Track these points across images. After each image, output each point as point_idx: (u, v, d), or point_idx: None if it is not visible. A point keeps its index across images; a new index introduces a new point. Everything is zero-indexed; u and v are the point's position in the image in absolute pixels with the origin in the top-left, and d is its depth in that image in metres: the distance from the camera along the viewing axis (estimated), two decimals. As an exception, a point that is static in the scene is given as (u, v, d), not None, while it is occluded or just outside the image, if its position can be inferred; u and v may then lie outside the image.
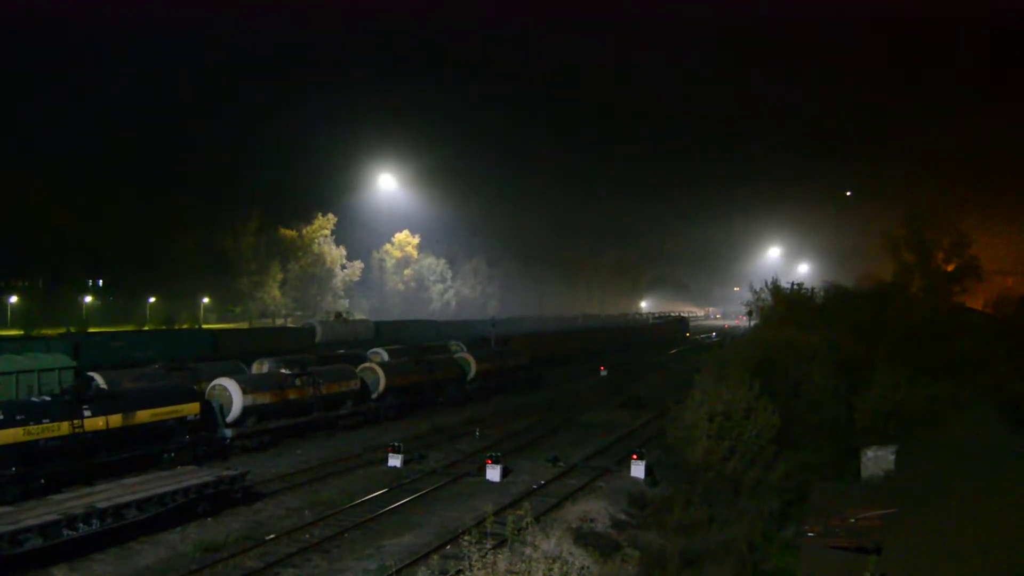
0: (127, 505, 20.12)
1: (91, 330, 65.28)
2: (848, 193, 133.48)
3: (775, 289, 51.58)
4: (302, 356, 40.34)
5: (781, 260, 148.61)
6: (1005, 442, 27.00)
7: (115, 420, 26.11)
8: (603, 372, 62.99)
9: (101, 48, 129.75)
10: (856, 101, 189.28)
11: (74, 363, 32.70)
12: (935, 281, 63.75)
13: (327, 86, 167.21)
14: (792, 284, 54.28)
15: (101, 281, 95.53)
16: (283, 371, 34.99)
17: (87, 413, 25.27)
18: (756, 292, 52.63)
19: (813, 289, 54.85)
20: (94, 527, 19.14)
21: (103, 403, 26.01)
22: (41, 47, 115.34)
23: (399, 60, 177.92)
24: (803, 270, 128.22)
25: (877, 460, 27.87)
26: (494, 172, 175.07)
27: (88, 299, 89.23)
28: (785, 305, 49.51)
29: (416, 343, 53.54)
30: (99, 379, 30.95)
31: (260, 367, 37.98)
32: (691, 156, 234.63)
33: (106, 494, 20.70)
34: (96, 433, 25.46)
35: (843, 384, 34.08)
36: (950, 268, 65.29)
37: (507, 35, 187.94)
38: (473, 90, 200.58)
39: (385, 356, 45.02)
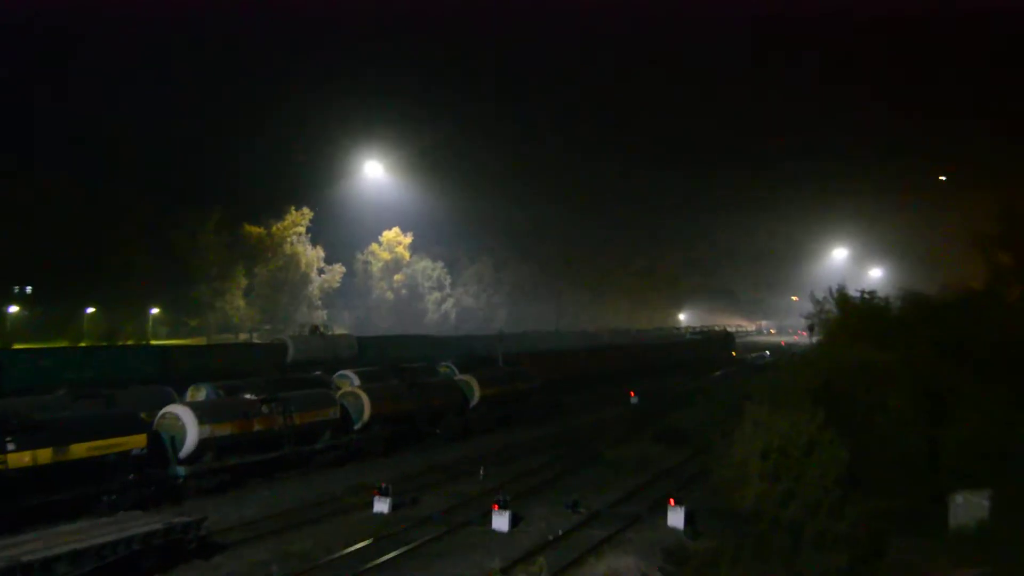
0: (57, 559, 19.99)
1: (16, 347, 65.43)
2: (942, 178, 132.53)
3: (841, 298, 51.21)
4: (249, 380, 39.79)
5: (849, 263, 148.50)
6: None
7: (44, 455, 26.05)
8: (633, 398, 62.84)
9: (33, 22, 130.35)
10: (942, 78, 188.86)
11: None
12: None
13: (301, 60, 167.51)
14: (862, 292, 53.97)
15: (29, 288, 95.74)
16: (248, 397, 34.94)
17: (10, 447, 25.23)
18: (818, 302, 52.29)
19: (888, 298, 54.52)
20: (17, 585, 19.04)
21: (30, 435, 25.95)
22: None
23: (390, 29, 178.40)
24: (876, 275, 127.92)
25: (968, 507, 27.60)
26: (502, 158, 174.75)
27: (13, 309, 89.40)
28: (854, 317, 49.17)
29: (399, 363, 53.12)
30: None
31: (196, 393, 37.73)
32: (742, 141, 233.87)
33: (32, 545, 20.58)
34: (21, 471, 25.41)
35: (926, 413, 33.79)
36: (1055, 272, 64.74)
37: (522, 17, 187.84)
38: (477, 60, 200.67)
39: (355, 380, 44.59)
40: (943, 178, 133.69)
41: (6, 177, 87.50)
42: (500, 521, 27.80)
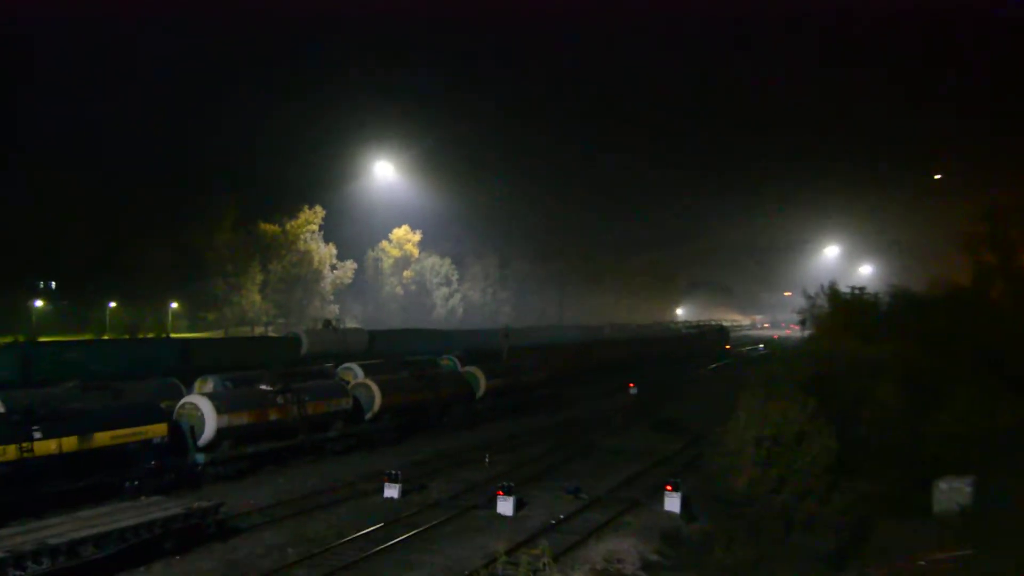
0: (83, 541, 20.16)
1: (42, 339, 65.62)
2: (938, 176, 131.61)
3: (832, 294, 51.43)
4: (255, 372, 39.66)
5: (840, 260, 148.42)
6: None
7: (70, 443, 26.24)
8: (632, 389, 62.96)
9: (50, 21, 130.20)
10: (928, 87, 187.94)
11: None
12: (1020, 284, 63.12)
13: (315, 63, 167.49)
14: (852, 288, 54.10)
15: (54, 283, 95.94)
16: (264, 387, 35.07)
17: (37, 435, 25.41)
18: (810, 297, 52.54)
19: (877, 294, 54.62)
20: (44, 566, 19.20)
21: (56, 424, 26.15)
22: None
23: (399, 33, 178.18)
24: (865, 272, 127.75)
25: (951, 493, 27.70)
26: (509, 161, 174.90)
27: (39, 304, 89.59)
28: (844, 312, 49.33)
29: (402, 356, 52.95)
30: None
31: (203, 385, 37.67)
32: (737, 146, 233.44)
33: (59, 528, 20.77)
34: (48, 458, 25.60)
35: (912, 403, 33.90)
36: (1037, 269, 64.60)
37: (530, 14, 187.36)
38: (487, 71, 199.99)
39: (359, 372, 44.57)
40: (938, 176, 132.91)
41: (31, 176, 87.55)
42: (505, 506, 27.91)
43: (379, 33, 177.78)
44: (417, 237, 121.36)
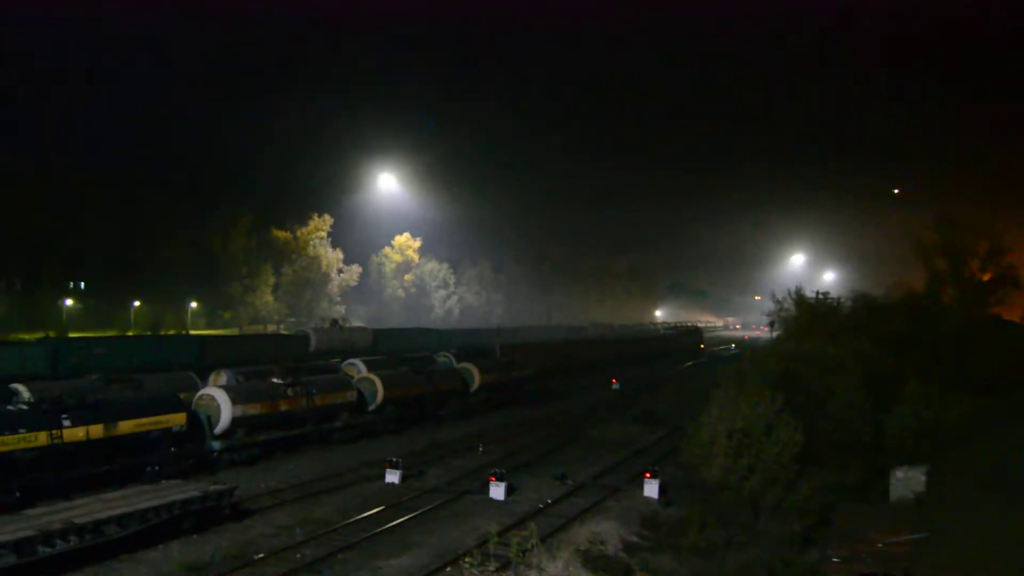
0: (107, 521, 20.11)
1: (72, 335, 65.41)
2: (896, 191, 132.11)
3: (799, 298, 51.51)
4: (265, 366, 39.60)
5: (806, 267, 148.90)
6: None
7: (96, 431, 26.16)
8: (615, 385, 62.98)
9: (82, 38, 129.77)
10: (889, 104, 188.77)
11: None
12: (969, 291, 63.43)
13: (324, 80, 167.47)
14: (817, 293, 54.27)
15: (83, 283, 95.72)
16: (275, 381, 35.02)
17: (66, 423, 25.32)
18: (778, 301, 52.58)
19: (839, 299, 54.76)
20: (72, 544, 19.15)
21: (83, 412, 26.06)
22: (18, 36, 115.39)
23: (400, 53, 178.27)
24: (829, 278, 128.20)
25: (907, 481, 27.82)
26: (501, 173, 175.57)
27: (69, 302, 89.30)
28: (809, 315, 49.43)
29: (401, 354, 52.89)
30: (23, 391, 30.57)
31: (217, 378, 37.57)
32: (712, 158, 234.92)
33: (85, 509, 20.71)
34: (76, 444, 25.51)
35: (871, 399, 33.98)
36: (986, 277, 64.92)
37: (517, 30, 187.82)
38: (480, 87, 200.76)
39: (362, 367, 44.53)
40: (896, 191, 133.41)
41: (62, 183, 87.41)
42: (496, 491, 27.90)
43: (380, 46, 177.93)
44: (417, 244, 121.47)
